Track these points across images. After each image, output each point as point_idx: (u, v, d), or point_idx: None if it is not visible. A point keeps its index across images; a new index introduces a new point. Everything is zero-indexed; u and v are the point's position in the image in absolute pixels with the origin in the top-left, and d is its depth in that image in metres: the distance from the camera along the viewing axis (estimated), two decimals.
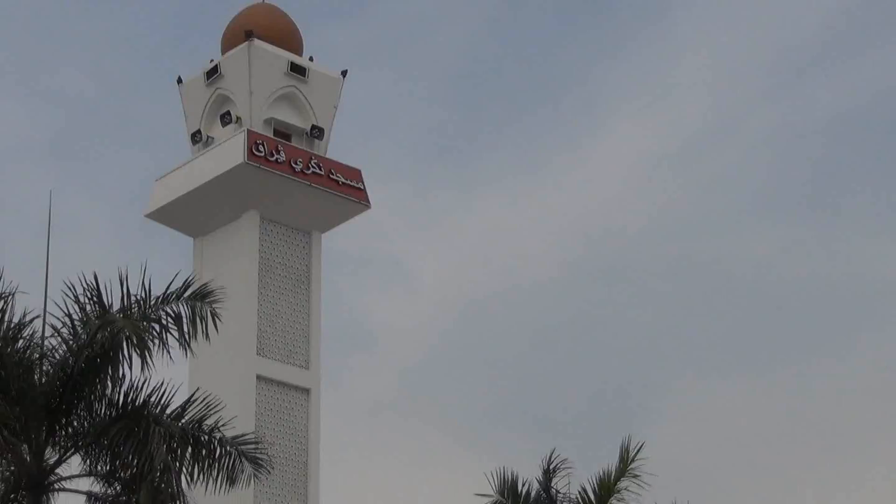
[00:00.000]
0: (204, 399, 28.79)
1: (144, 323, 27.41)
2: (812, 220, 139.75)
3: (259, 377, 64.29)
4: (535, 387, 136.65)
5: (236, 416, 30.99)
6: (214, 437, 28.48)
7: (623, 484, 35.75)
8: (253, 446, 29.57)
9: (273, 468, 31.91)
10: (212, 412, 28.62)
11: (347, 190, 67.73)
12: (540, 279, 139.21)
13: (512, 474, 36.08)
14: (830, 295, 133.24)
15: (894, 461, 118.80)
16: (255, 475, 29.47)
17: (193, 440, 28.37)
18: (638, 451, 35.85)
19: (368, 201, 68.96)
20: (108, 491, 28.32)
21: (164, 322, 27.61)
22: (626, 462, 35.78)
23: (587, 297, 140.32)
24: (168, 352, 27.85)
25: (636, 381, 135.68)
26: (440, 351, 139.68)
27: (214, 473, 28.49)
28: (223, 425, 28.82)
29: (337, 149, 70.74)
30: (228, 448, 28.62)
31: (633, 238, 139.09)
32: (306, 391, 66.18)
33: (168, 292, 27.84)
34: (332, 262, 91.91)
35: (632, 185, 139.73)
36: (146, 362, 27.27)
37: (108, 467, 28.14)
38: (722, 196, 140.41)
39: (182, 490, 28.17)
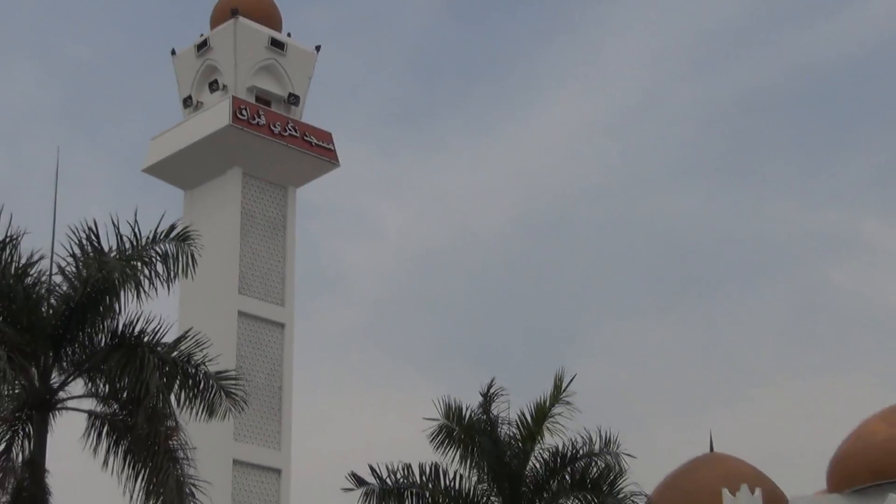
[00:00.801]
0: (194, 336, 28.98)
1: (135, 262, 27.73)
2: (726, 184, 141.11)
3: (240, 313, 64.57)
4: (483, 325, 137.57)
5: (221, 354, 31.10)
6: (200, 371, 28.65)
7: (556, 410, 35.92)
8: (232, 382, 29.73)
9: (248, 404, 31.97)
10: (200, 348, 28.80)
11: (319, 150, 68.45)
12: (489, 231, 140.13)
13: (456, 401, 36.23)
14: (738, 247, 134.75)
15: (778, 386, 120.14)
16: (232, 408, 29.63)
17: (182, 372, 28.55)
18: (570, 382, 36.07)
19: (338, 160, 69.62)
20: (107, 410, 28.43)
21: (152, 259, 27.89)
22: (558, 390, 35.94)
23: (529, 247, 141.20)
24: (156, 286, 28.16)
25: (570, 321, 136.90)
26: (400, 292, 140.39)
27: (198, 403, 28.69)
28: (209, 361, 29.00)
29: (311, 114, 71.17)
30: (211, 382, 28.79)
31: (571, 196, 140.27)
32: (281, 326, 66.45)
33: (155, 235, 28.10)
34: (305, 213, 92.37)
35: (571, 149, 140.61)
36: (139, 294, 27.63)
37: (107, 390, 28.31)
38: (648, 160, 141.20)
39: (172, 410, 28.39)
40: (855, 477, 43.68)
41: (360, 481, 36.25)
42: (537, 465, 36.09)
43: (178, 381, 28.19)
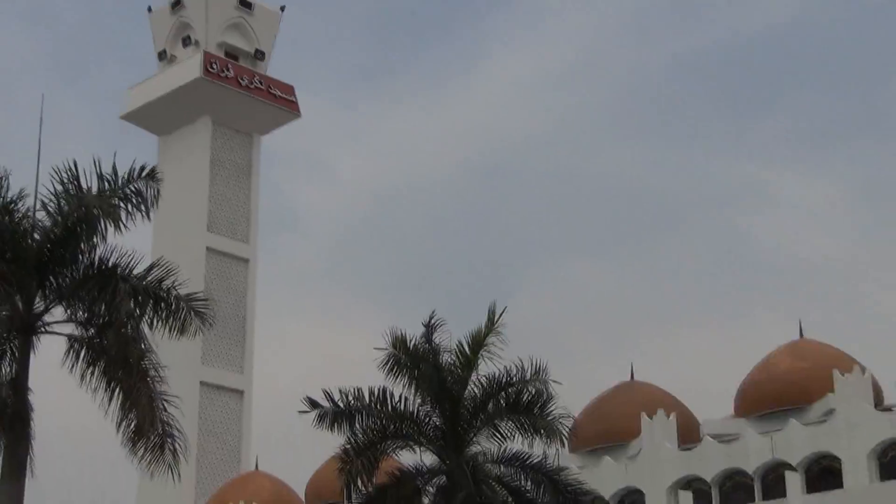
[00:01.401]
0: (165, 265, 28.98)
1: (111, 199, 27.74)
2: (655, 138, 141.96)
3: (208, 249, 64.77)
4: (430, 262, 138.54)
5: (189, 280, 31.11)
6: (171, 295, 28.65)
7: (490, 340, 36.09)
8: (202, 303, 29.73)
9: (216, 322, 32.06)
10: (170, 275, 28.80)
11: (282, 102, 68.74)
12: (438, 176, 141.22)
13: (402, 332, 36.35)
14: (665, 197, 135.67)
15: (693, 322, 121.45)
16: (201, 326, 29.66)
17: (154, 296, 28.54)
18: (501, 314, 36.24)
19: (299, 111, 69.93)
20: (85, 334, 28.40)
21: (127, 196, 27.91)
22: (492, 322, 36.11)
23: (475, 192, 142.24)
24: (131, 220, 28.21)
25: (509, 259, 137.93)
26: (355, 231, 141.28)
27: (170, 323, 28.71)
28: (178, 285, 29.01)
29: (275, 68, 71.39)
30: (182, 304, 28.80)
31: (514, 145, 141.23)
32: (246, 261, 66.64)
33: (129, 174, 28.08)
34: (269, 159, 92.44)
35: (515, 102, 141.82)
36: (116, 228, 27.66)
37: (84, 315, 28.28)
38: (587, 115, 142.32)
39: (143, 334, 28.39)
40: (760, 403, 44.24)
41: (314, 404, 36.39)
42: (475, 390, 36.29)
43: (150, 306, 28.24)
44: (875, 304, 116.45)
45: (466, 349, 36.16)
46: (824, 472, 39.35)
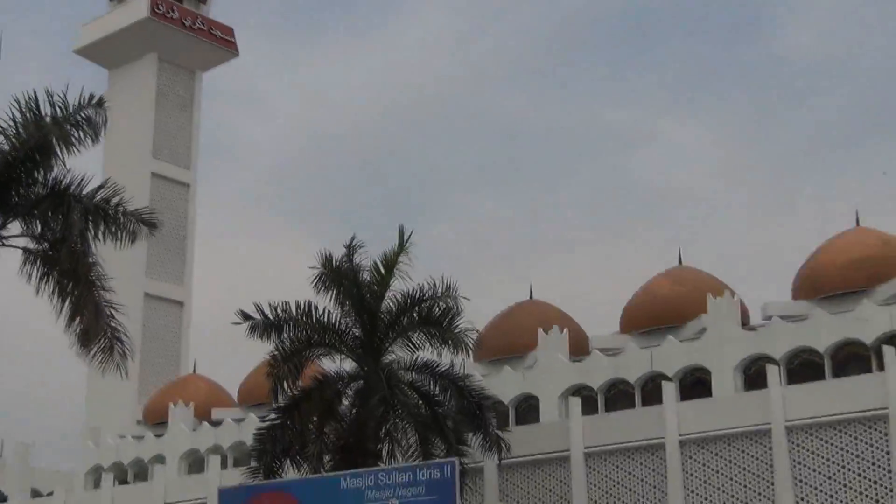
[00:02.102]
0: (112, 185, 28.88)
1: (65, 125, 27.59)
2: (551, 84, 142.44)
3: (153, 174, 64.34)
4: (355, 192, 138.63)
5: (135, 199, 30.96)
6: (119, 211, 28.57)
7: (401, 259, 36.37)
8: (148, 214, 29.66)
9: (160, 239, 32.07)
10: (118, 194, 28.70)
11: (222, 42, 68.21)
12: (364, 115, 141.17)
13: (329, 253, 36.52)
14: (559, 137, 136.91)
15: (585, 248, 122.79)
16: (149, 233, 29.68)
17: (104, 214, 28.44)
18: (409, 236, 36.49)
19: (238, 51, 69.48)
20: (39, 248, 28.24)
21: (79, 122, 27.75)
22: (402, 244, 36.35)
23: (394, 130, 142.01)
24: (82, 144, 28.11)
25: (425, 191, 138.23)
26: (289, 163, 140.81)
27: (120, 235, 28.68)
28: (126, 203, 28.93)
29: (217, 11, 70.69)
30: (129, 217, 28.77)
31: (431, 88, 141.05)
32: (187, 185, 66.21)
33: (80, 103, 27.89)
34: (210, 94, 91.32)
35: (434, 49, 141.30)
36: (69, 151, 27.53)
37: (39, 230, 28.14)
38: (492, 62, 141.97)
39: (93, 249, 28.29)
40: (642, 322, 44.81)
41: (246, 316, 36.51)
42: (391, 305, 36.57)
43: (100, 223, 28.19)
44: (744, 234, 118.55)
45: (381, 268, 36.45)
46: (696, 383, 40.06)
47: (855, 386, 34.38)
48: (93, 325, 27.13)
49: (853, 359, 37.83)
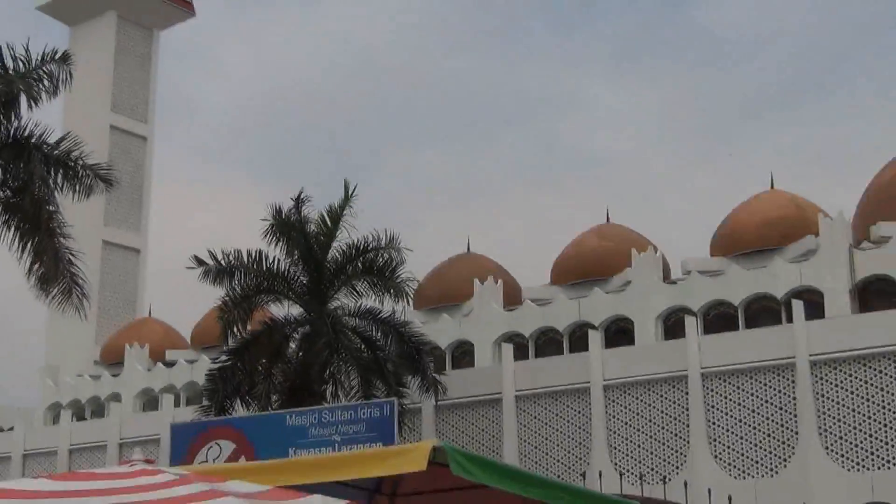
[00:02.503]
0: (73, 137, 28.53)
1: (29, 78, 27.20)
2: (491, 48, 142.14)
3: (112, 126, 63.49)
4: (304, 148, 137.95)
5: (95, 151, 30.62)
6: (78, 164, 28.24)
7: (346, 212, 36.36)
8: (106, 171, 29.33)
9: (118, 189, 31.69)
10: (78, 146, 28.36)
11: (180, 2, 67.27)
12: (315, 76, 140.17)
13: (279, 206, 36.39)
14: (499, 99, 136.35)
15: (519, 205, 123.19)
16: (105, 190, 29.35)
17: (64, 165, 28.10)
18: (354, 189, 36.45)
19: (194, 11, 68.49)
20: (1, 195, 27.89)
21: (41, 76, 27.37)
22: (347, 197, 36.30)
23: (344, 90, 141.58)
24: (45, 97, 27.75)
25: (370, 149, 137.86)
26: (242, 119, 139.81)
27: (78, 188, 28.36)
28: (85, 156, 28.58)
29: None
30: (88, 171, 28.42)
31: (378, 51, 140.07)
32: (144, 138, 65.46)
33: (43, 57, 27.49)
34: (168, 52, 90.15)
35: (380, 14, 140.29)
36: (33, 103, 27.19)
37: (1, 178, 27.75)
38: (436, 25, 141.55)
39: (54, 197, 27.99)
40: (571, 274, 45.04)
41: (200, 262, 36.34)
42: (337, 255, 36.57)
43: (60, 173, 27.87)
44: (668, 195, 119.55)
45: (328, 220, 36.39)
46: (619, 332, 40.48)
47: (765, 336, 34.91)
48: (52, 271, 26.92)
49: (764, 311, 38.40)
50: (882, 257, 36.62)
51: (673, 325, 39.16)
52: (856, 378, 32.79)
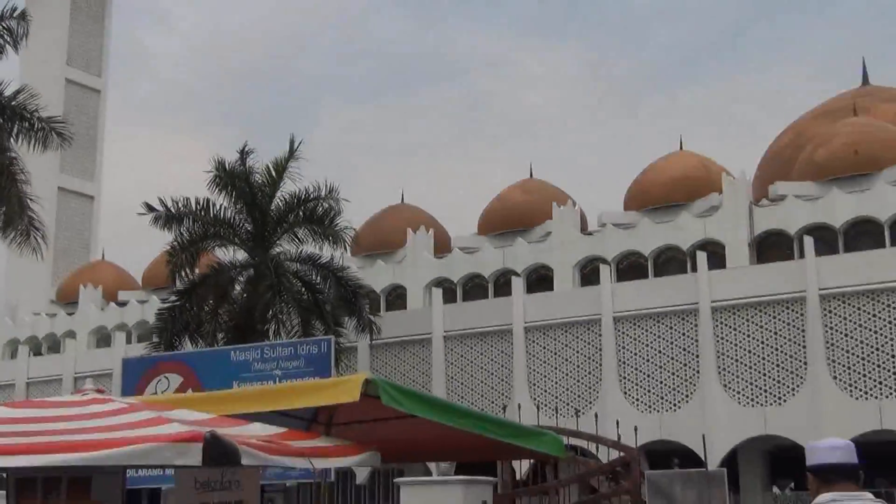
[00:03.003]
0: (29, 90, 27.97)
1: None
2: (423, 9, 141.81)
3: (67, 80, 62.12)
4: (251, 103, 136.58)
5: (51, 104, 30.01)
6: (35, 116, 27.70)
7: (291, 164, 36.11)
8: (61, 125, 28.80)
9: (73, 139, 31.09)
10: (34, 99, 27.82)
11: None
12: (262, 32, 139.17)
13: (222, 158, 36.07)
14: (431, 59, 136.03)
15: (448, 158, 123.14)
16: (60, 143, 28.84)
17: (20, 116, 27.55)
18: (299, 144, 36.19)
19: None
20: None
21: (1, 30, 26.86)
22: (292, 150, 36.04)
23: (286, 43, 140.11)
24: (3, 51, 27.21)
25: (315, 104, 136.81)
26: (192, 70, 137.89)
27: (34, 139, 27.85)
28: (42, 108, 28.05)
29: None
30: (44, 124, 27.90)
31: (324, 11, 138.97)
32: (98, 91, 64.20)
33: (2, 14, 26.91)
34: (120, 7, 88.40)
35: None
36: None
37: None
38: None
39: (12, 145, 27.46)
40: (496, 225, 45.18)
41: (150, 209, 35.92)
42: (280, 204, 36.35)
43: (17, 123, 27.32)
44: (587, 153, 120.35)
45: (272, 172, 36.12)
46: (540, 279, 40.75)
47: (672, 284, 35.39)
48: (17, 215, 26.50)
49: (672, 261, 38.90)
50: (778, 214, 37.23)
51: (589, 273, 39.53)
52: (752, 323, 33.43)
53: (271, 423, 7.42)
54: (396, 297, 43.62)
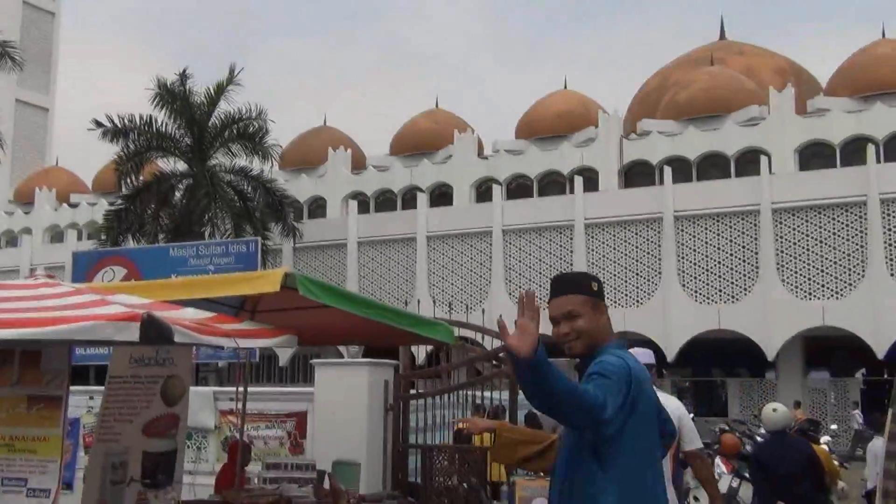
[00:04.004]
0: None
1: None
2: None
3: (24, 2, 59.41)
4: (197, 33, 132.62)
5: (7, 27, 28.64)
6: None
7: (230, 88, 35.34)
8: (13, 49, 27.61)
9: (29, 57, 29.91)
10: None
11: None
12: None
13: (164, 78, 35.16)
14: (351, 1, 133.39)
15: (368, 90, 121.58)
16: (13, 67, 27.76)
17: None
18: (238, 73, 35.40)
19: None
20: None
21: None
22: (231, 76, 35.26)
23: None
24: None
25: (254, 35, 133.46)
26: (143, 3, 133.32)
27: None
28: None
29: None
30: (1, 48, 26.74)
31: None
32: (52, 13, 61.52)
33: None
34: None
35: None
36: None
37: None
38: None
39: None
40: (406, 147, 44.92)
41: (99, 124, 34.89)
42: (217, 122, 35.60)
43: None
44: (485, 88, 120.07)
45: (212, 92, 35.32)
46: (442, 195, 40.81)
47: (553, 203, 35.81)
48: None
49: (553, 184, 39.29)
50: (643, 147, 37.77)
51: (483, 192, 39.74)
52: (618, 238, 34.09)
53: (203, 309, 7.35)
54: (317, 207, 43.31)
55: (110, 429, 7.49)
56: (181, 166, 36.18)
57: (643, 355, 6.68)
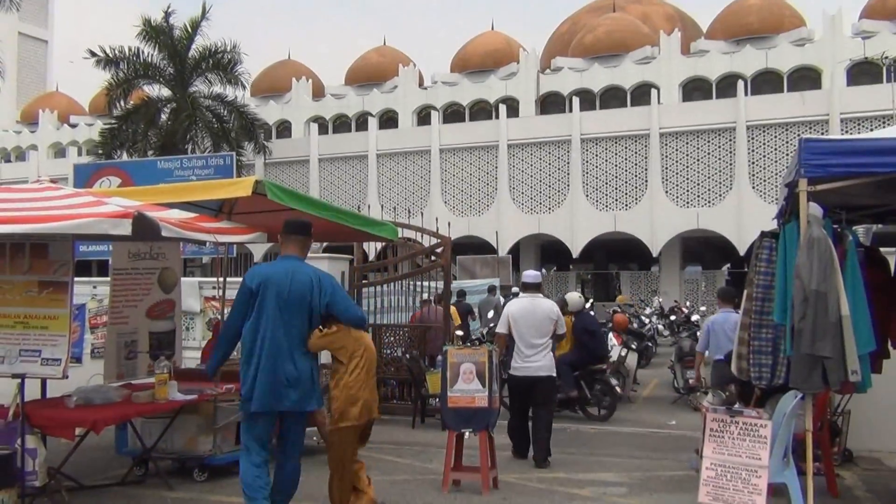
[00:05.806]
0: None
1: None
2: None
3: None
4: None
5: None
6: None
7: (202, 23, 34.01)
8: None
9: (24, 1, 28.24)
10: None
11: None
12: None
13: (150, 16, 33.61)
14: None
15: (321, 43, 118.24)
16: (10, 6, 26.19)
17: None
18: (209, 10, 34.08)
19: None
20: None
21: None
22: (203, 14, 33.92)
23: None
24: None
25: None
26: None
27: None
28: None
29: None
30: None
31: None
32: None
33: None
34: None
35: None
36: None
37: None
38: None
39: None
40: (360, 78, 43.64)
41: (93, 54, 33.50)
42: (196, 54, 34.40)
43: None
44: (428, 26, 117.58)
45: (189, 28, 34.04)
46: (389, 119, 40.17)
47: (481, 127, 35.67)
48: None
49: (482, 111, 39.00)
50: (556, 80, 37.60)
51: (423, 117, 39.35)
52: (535, 156, 34.21)
53: (187, 211, 7.26)
54: (283, 129, 42.47)
55: (120, 313, 7.53)
56: (165, 92, 35.04)
57: (529, 276, 8.66)
